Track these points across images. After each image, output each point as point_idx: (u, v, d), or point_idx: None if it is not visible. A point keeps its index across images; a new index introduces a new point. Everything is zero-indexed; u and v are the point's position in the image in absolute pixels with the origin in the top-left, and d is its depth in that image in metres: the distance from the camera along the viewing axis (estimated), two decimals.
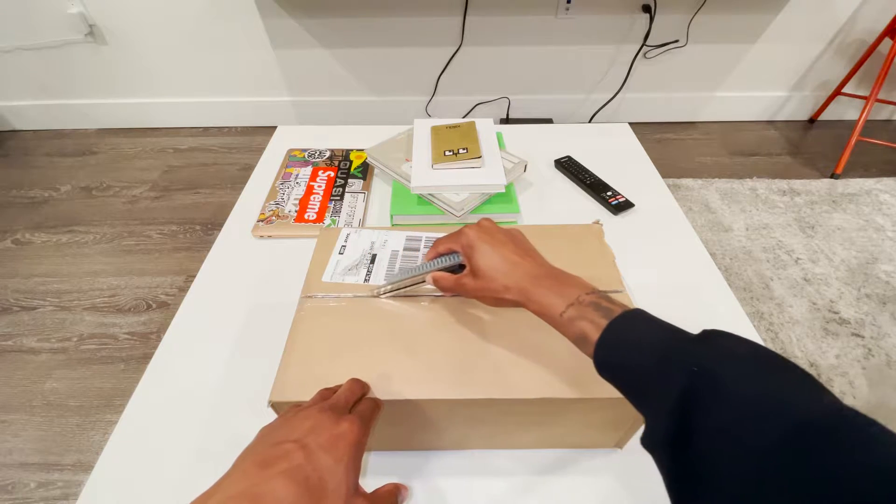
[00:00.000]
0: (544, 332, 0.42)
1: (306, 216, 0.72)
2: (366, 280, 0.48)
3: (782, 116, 2.03)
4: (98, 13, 1.68)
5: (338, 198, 0.75)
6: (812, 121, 2.02)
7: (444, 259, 0.44)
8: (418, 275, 0.45)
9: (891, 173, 1.72)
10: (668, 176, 1.67)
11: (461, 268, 0.43)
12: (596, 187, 0.77)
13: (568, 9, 1.68)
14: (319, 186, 0.77)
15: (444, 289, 0.44)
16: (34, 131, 1.98)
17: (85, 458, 0.99)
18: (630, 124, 0.95)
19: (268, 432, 0.31)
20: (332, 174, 0.80)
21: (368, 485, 0.32)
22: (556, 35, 1.76)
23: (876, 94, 1.64)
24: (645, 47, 1.77)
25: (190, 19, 1.70)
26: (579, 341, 0.33)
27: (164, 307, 1.29)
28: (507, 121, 1.97)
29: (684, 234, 0.71)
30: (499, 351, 0.41)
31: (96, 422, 1.05)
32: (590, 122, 1.99)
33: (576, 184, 0.80)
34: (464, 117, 1.39)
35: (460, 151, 0.74)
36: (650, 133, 1.95)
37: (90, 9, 1.67)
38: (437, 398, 0.38)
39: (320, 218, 0.71)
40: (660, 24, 1.71)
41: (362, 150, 0.84)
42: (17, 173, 1.77)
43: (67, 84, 1.87)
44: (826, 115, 1.99)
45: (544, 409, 0.40)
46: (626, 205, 0.74)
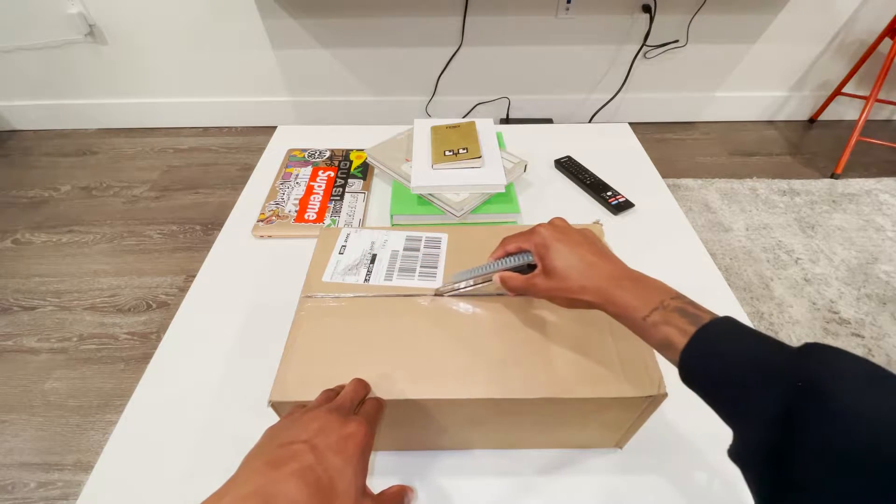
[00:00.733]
0: (545, 332, 0.42)
1: (306, 216, 0.72)
2: (366, 280, 0.48)
3: (782, 116, 2.03)
4: (98, 13, 1.68)
5: (338, 198, 0.75)
6: (812, 121, 2.02)
7: (514, 258, 0.42)
8: (485, 274, 0.44)
9: (891, 173, 1.72)
10: (668, 176, 1.67)
11: (529, 268, 0.41)
12: (596, 187, 0.77)
13: (568, 9, 1.68)
14: (319, 186, 0.77)
15: (512, 289, 0.42)
16: (34, 131, 1.98)
17: (85, 458, 0.99)
18: (630, 124, 0.95)
19: (275, 433, 0.31)
20: (332, 174, 0.80)
21: (371, 485, 0.32)
22: (556, 35, 1.76)
23: (876, 94, 1.64)
24: (645, 47, 1.77)
25: (190, 19, 1.70)
26: (662, 347, 0.32)
27: (164, 307, 1.29)
28: (507, 121, 1.97)
29: (684, 234, 0.71)
30: (499, 351, 0.41)
31: (96, 422, 1.05)
32: (590, 122, 1.99)
33: (576, 184, 0.80)
34: (464, 117, 1.39)
35: (460, 151, 0.74)
36: (650, 133, 1.95)
37: (90, 9, 1.67)
38: (438, 398, 0.38)
39: (320, 218, 0.71)
40: (660, 24, 1.71)
41: (362, 150, 0.84)
42: (17, 173, 1.77)
43: (67, 84, 1.86)
44: (826, 115, 1.99)
45: (544, 409, 0.40)
46: (626, 205, 0.74)
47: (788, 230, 1.50)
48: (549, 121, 1.97)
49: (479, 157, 0.73)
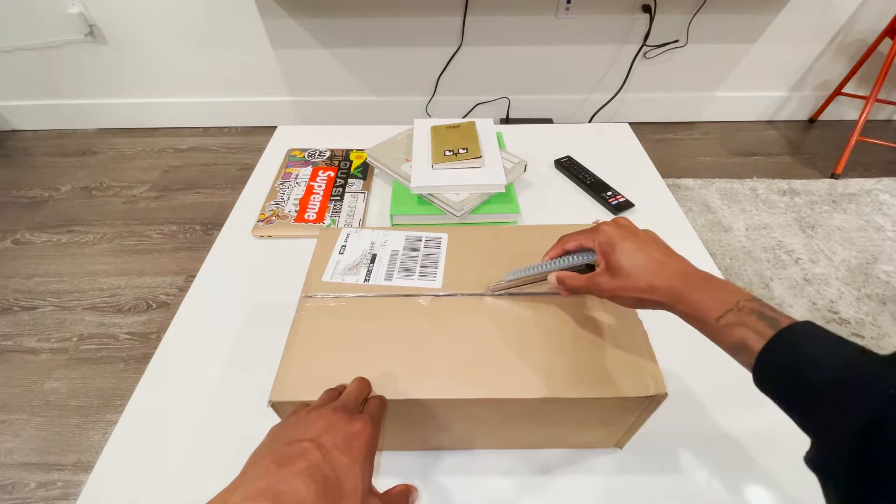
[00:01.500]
0: (545, 332, 0.42)
1: (306, 216, 0.72)
2: (366, 280, 0.48)
3: (782, 116, 2.03)
4: (98, 13, 1.68)
5: (338, 198, 0.75)
6: (812, 121, 2.02)
7: (573, 257, 0.41)
8: (540, 273, 0.42)
9: (891, 173, 1.72)
10: (668, 176, 1.67)
11: (588, 268, 0.40)
12: (596, 187, 0.77)
13: (568, 9, 1.68)
14: (319, 186, 0.77)
15: (571, 288, 0.41)
16: (34, 131, 1.98)
17: (85, 458, 0.99)
18: (630, 124, 0.95)
19: (282, 431, 0.31)
20: (332, 174, 0.80)
21: (374, 485, 0.32)
22: (556, 35, 1.76)
23: (876, 94, 1.64)
24: (645, 47, 1.77)
25: (190, 19, 1.70)
26: (735, 349, 0.32)
27: (164, 307, 1.29)
28: (507, 121, 1.97)
29: (684, 234, 0.71)
30: (499, 350, 0.41)
31: (96, 422, 1.05)
32: (590, 122, 1.99)
33: (576, 184, 0.80)
34: (464, 117, 1.39)
35: (460, 151, 0.74)
36: (650, 133, 1.95)
37: (90, 9, 1.66)
38: (438, 398, 0.38)
39: (320, 218, 0.71)
40: (660, 24, 1.71)
41: (362, 150, 0.84)
42: (17, 173, 1.76)
43: (67, 84, 1.86)
44: (826, 115, 1.99)
45: (544, 408, 0.40)
46: (626, 205, 0.74)
47: (788, 230, 1.50)
48: (549, 121, 1.97)
49: (479, 157, 0.73)
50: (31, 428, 1.04)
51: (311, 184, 0.78)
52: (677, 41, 1.78)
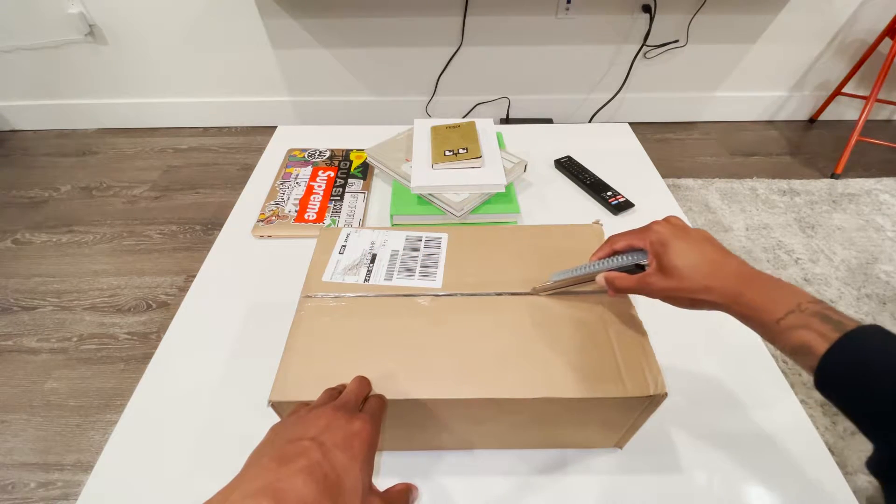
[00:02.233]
0: (545, 332, 0.42)
1: (306, 216, 0.72)
2: (366, 280, 0.48)
3: (782, 116, 2.03)
4: (98, 13, 1.68)
5: (338, 198, 0.75)
6: (812, 121, 2.02)
7: (623, 258, 0.40)
8: (588, 273, 0.42)
9: (891, 173, 1.72)
10: (668, 176, 1.67)
11: (637, 268, 0.40)
12: (596, 187, 0.77)
13: (568, 9, 1.68)
14: (319, 186, 0.77)
15: (621, 289, 0.40)
16: (34, 131, 1.98)
17: (85, 458, 0.99)
18: (630, 124, 0.95)
19: (282, 430, 0.31)
20: (332, 174, 0.80)
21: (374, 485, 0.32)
22: (556, 35, 1.76)
23: (876, 94, 1.63)
24: (645, 47, 1.77)
25: (190, 19, 1.70)
26: (796, 352, 0.31)
27: (164, 307, 1.29)
28: (507, 121, 1.97)
29: None
30: (499, 350, 0.41)
31: (96, 422, 1.05)
32: (590, 122, 1.99)
33: (576, 184, 0.80)
34: (464, 117, 1.39)
35: (460, 151, 0.74)
36: (650, 133, 1.95)
37: (90, 9, 1.66)
38: (437, 398, 0.38)
39: (320, 218, 0.71)
40: (660, 24, 1.71)
41: (362, 150, 0.84)
42: (17, 173, 1.76)
43: (67, 84, 1.86)
44: (826, 115, 1.99)
45: (544, 408, 0.40)
46: (626, 205, 0.74)
47: (788, 230, 1.50)
48: (549, 121, 1.97)
49: (479, 157, 0.73)
50: (31, 428, 1.04)
51: (311, 184, 0.78)
52: (677, 41, 1.78)
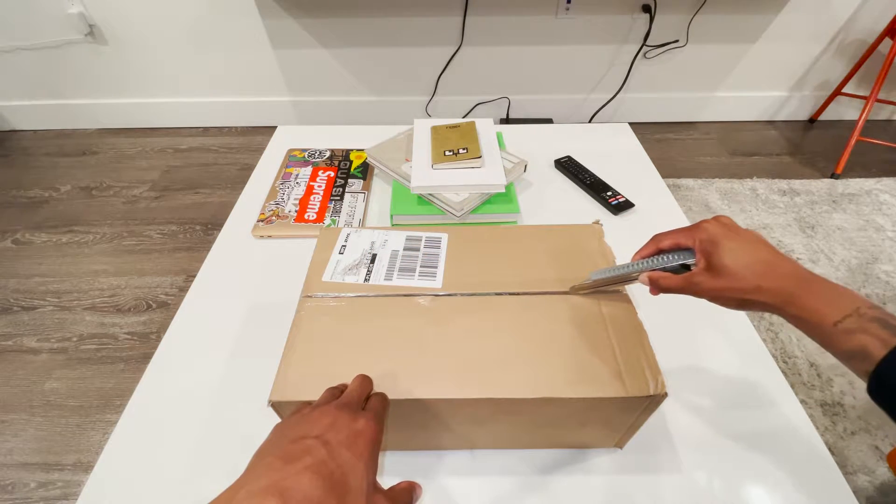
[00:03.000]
0: (545, 332, 0.42)
1: (306, 216, 0.72)
2: (366, 280, 0.48)
3: (782, 116, 2.03)
4: (98, 13, 1.68)
5: (338, 198, 0.75)
6: (812, 121, 2.02)
7: (668, 257, 0.39)
8: (631, 273, 0.41)
9: (891, 173, 1.72)
10: (668, 176, 1.67)
11: (682, 268, 0.39)
12: (596, 187, 0.77)
13: (568, 9, 1.68)
14: (319, 186, 0.77)
15: (666, 289, 0.39)
16: (34, 131, 1.98)
17: (85, 458, 0.99)
18: (630, 124, 0.95)
19: (286, 429, 0.31)
20: (332, 174, 0.80)
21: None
22: (556, 35, 1.76)
23: (876, 94, 1.64)
24: (645, 47, 1.77)
25: (190, 19, 1.70)
26: (852, 356, 0.31)
27: (164, 307, 1.29)
28: (507, 121, 1.97)
29: None
30: (499, 350, 0.41)
31: (96, 422, 1.05)
32: (590, 122, 1.99)
33: (576, 184, 0.80)
34: (464, 117, 1.39)
35: (460, 151, 0.74)
36: (650, 133, 1.95)
37: (90, 9, 1.66)
38: (438, 398, 0.38)
39: (320, 218, 0.71)
40: (660, 24, 1.71)
41: (362, 150, 0.84)
42: (17, 173, 1.76)
43: (67, 84, 1.86)
44: (826, 115, 1.99)
45: (544, 408, 0.40)
46: (626, 205, 0.74)
47: (788, 230, 1.50)
48: (549, 121, 1.97)
49: (479, 157, 0.73)
50: (31, 428, 1.04)
51: (311, 184, 0.78)
52: (677, 41, 1.78)
